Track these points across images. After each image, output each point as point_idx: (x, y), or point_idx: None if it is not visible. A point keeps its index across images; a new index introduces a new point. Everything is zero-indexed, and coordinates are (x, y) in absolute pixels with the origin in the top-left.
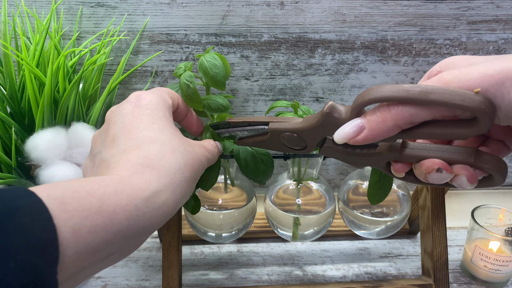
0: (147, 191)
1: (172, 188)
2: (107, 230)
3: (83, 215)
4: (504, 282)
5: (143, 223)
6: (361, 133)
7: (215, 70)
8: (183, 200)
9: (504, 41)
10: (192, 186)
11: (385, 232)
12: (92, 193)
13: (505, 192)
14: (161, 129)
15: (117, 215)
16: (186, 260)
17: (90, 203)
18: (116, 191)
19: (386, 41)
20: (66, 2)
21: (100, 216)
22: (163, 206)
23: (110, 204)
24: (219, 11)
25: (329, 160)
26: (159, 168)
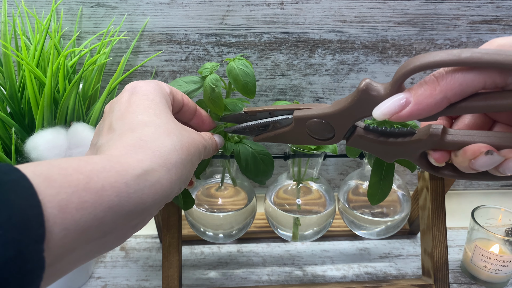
0: (138, 169)
1: (167, 168)
2: (96, 206)
3: (70, 191)
4: (504, 282)
5: (134, 201)
6: (405, 108)
7: (247, 79)
8: (180, 182)
9: None
10: (189, 170)
11: (385, 232)
12: (79, 170)
13: (505, 192)
14: (157, 114)
15: (106, 191)
16: (186, 260)
17: (77, 180)
18: (105, 168)
19: (386, 41)
20: (66, 2)
21: (88, 192)
22: (155, 185)
23: (98, 181)
24: (219, 11)
25: (329, 160)
26: (153, 148)
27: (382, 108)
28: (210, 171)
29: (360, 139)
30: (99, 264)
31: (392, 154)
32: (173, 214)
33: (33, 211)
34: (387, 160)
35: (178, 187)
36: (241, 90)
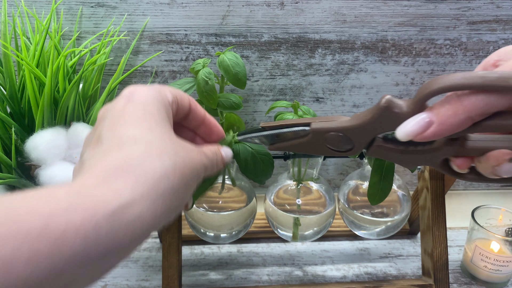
0: (113, 203)
1: (152, 199)
2: (53, 257)
3: (19, 242)
4: (505, 282)
5: (105, 244)
6: (429, 128)
7: (237, 69)
8: (168, 213)
9: (505, 41)
10: (181, 198)
11: (385, 233)
12: (37, 211)
13: (505, 192)
14: (151, 128)
15: (68, 237)
16: (186, 261)
17: (30, 227)
18: (70, 205)
19: (386, 41)
20: (66, 2)
21: (43, 240)
22: (135, 221)
23: (59, 224)
24: (219, 11)
25: (329, 161)
26: (138, 173)
27: (405, 128)
28: None
29: (379, 149)
30: None
31: (414, 162)
32: None
33: None
34: (409, 167)
35: (166, 219)
36: (232, 80)
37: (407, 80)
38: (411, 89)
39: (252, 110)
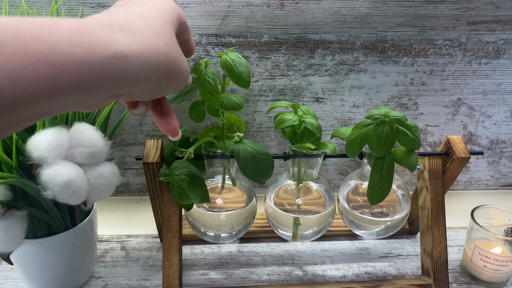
0: (109, 49)
1: (141, 62)
2: (53, 83)
3: (26, 62)
4: (504, 282)
5: (94, 83)
6: None
7: (241, 69)
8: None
9: (504, 41)
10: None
11: (385, 232)
12: (41, 38)
13: (504, 192)
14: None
15: (67, 68)
16: (186, 260)
17: (36, 50)
18: (71, 40)
19: (386, 42)
20: (67, 2)
21: (47, 66)
22: (122, 72)
23: (61, 55)
24: (219, 12)
25: (329, 161)
26: (135, 35)
27: None
28: (211, 171)
29: None
30: (99, 264)
31: None
32: (174, 214)
33: None
34: None
35: (148, 94)
36: (236, 80)
37: (407, 80)
38: (410, 89)
39: (252, 110)
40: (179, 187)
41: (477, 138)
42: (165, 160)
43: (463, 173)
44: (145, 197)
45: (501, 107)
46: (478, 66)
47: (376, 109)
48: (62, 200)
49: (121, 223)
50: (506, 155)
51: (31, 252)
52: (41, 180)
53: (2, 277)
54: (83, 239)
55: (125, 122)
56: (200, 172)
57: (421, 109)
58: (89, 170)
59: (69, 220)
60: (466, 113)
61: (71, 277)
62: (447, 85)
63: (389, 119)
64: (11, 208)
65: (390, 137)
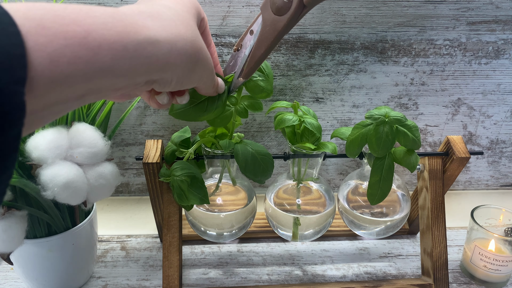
0: (141, 33)
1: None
2: (89, 65)
3: (64, 43)
4: (504, 282)
5: (127, 67)
6: None
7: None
8: (177, 69)
9: (504, 41)
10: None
11: (385, 232)
12: (78, 21)
13: (504, 192)
14: (184, 10)
15: (102, 50)
16: (186, 260)
17: (74, 32)
18: (106, 24)
19: (385, 42)
20: (67, 2)
21: (83, 48)
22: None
23: (96, 38)
24: (219, 12)
25: (329, 161)
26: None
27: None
28: (211, 171)
29: None
30: (99, 264)
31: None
32: (174, 214)
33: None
34: None
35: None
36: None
37: (407, 80)
38: (410, 89)
39: None
40: (179, 188)
41: (477, 138)
42: (165, 160)
43: (463, 173)
44: (145, 197)
45: (501, 107)
46: (478, 66)
47: (376, 109)
48: (62, 200)
49: (121, 223)
50: (506, 155)
51: (31, 252)
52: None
53: (2, 277)
54: (83, 239)
55: (125, 122)
56: (200, 174)
57: (421, 109)
58: (89, 170)
59: (69, 220)
60: (466, 113)
61: (71, 277)
62: (447, 85)
63: (389, 119)
64: (11, 208)
65: (390, 137)
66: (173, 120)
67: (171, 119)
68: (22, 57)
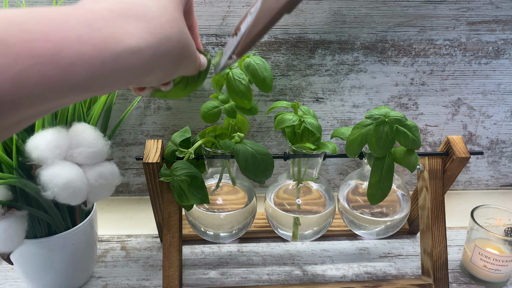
0: (121, 44)
1: (154, 52)
2: (61, 84)
3: (31, 63)
4: (504, 282)
5: (108, 80)
6: None
7: (265, 73)
8: (163, 72)
9: (504, 41)
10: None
11: (385, 232)
12: (48, 35)
13: (504, 192)
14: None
15: (76, 67)
16: (186, 260)
17: (43, 48)
18: (81, 37)
19: (385, 42)
20: (67, 2)
21: (54, 66)
22: (133, 67)
23: (70, 54)
24: (219, 12)
25: (329, 161)
26: (149, 23)
27: None
28: (211, 171)
29: None
30: (99, 264)
31: None
32: (174, 214)
33: None
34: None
35: (161, 76)
36: (259, 84)
37: (407, 80)
38: (410, 89)
39: None
40: (179, 188)
41: (477, 138)
42: (165, 160)
43: (463, 173)
44: (145, 197)
45: (501, 107)
46: (478, 66)
47: (376, 109)
48: (62, 200)
49: (121, 223)
50: (506, 155)
51: (31, 252)
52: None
53: (2, 277)
54: (83, 239)
55: (125, 122)
56: (200, 174)
57: (421, 109)
58: (89, 170)
59: (69, 220)
60: (466, 113)
61: (71, 277)
62: (447, 85)
63: (389, 119)
64: (11, 208)
65: (390, 137)
66: (173, 120)
67: (171, 119)
68: None
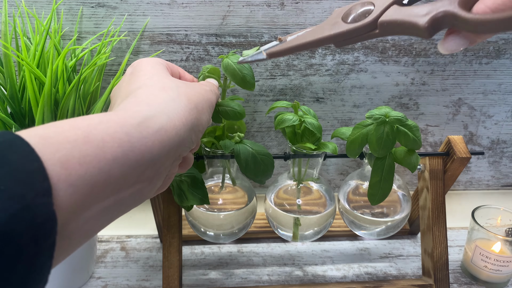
0: (137, 117)
1: (167, 115)
2: (99, 159)
3: (69, 146)
4: (505, 282)
5: (139, 150)
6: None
7: (245, 71)
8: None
9: (505, 41)
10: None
11: (386, 233)
12: (76, 125)
13: (505, 192)
14: (150, 77)
15: (107, 143)
16: (186, 260)
17: (75, 135)
18: (102, 121)
19: (386, 41)
20: (67, 2)
21: (88, 145)
22: (159, 131)
23: (98, 133)
24: (219, 12)
25: (330, 161)
26: (148, 102)
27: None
28: (211, 171)
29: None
30: (99, 264)
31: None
32: (174, 214)
33: (34, 165)
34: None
35: (189, 134)
36: (240, 83)
37: (407, 80)
38: (411, 89)
39: (252, 111)
40: (179, 188)
41: (477, 138)
42: None
43: (464, 173)
44: None
45: (502, 107)
46: (479, 66)
47: (376, 109)
48: None
49: (121, 223)
50: (507, 155)
51: None
52: None
53: None
54: None
55: None
56: (200, 174)
57: (422, 109)
58: None
59: None
60: (466, 113)
61: (71, 277)
62: (448, 85)
63: (389, 119)
64: None
65: (390, 137)
66: None
67: None
68: (41, 169)
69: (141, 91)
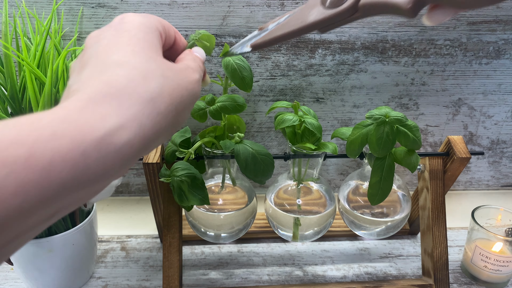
0: (99, 129)
1: (139, 124)
2: (43, 187)
3: (4, 172)
4: (505, 282)
5: (95, 171)
6: None
7: (245, 73)
8: (157, 138)
9: (504, 41)
10: (171, 122)
11: (385, 233)
12: (20, 140)
13: (505, 192)
14: (136, 51)
15: (55, 166)
16: (186, 260)
17: (15, 155)
18: (55, 134)
19: (386, 42)
20: (67, 2)
21: (30, 171)
22: (123, 147)
23: (45, 154)
24: (219, 12)
25: (329, 161)
26: (122, 97)
27: None
28: (211, 171)
29: None
30: (99, 264)
31: None
32: (174, 214)
33: None
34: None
35: (156, 142)
36: (238, 84)
37: (407, 80)
38: (411, 89)
39: (252, 111)
40: (179, 189)
41: (477, 138)
42: (165, 160)
43: (464, 173)
44: (145, 197)
45: (502, 107)
46: (478, 66)
47: (376, 109)
48: None
49: (121, 223)
50: (506, 155)
51: (31, 252)
52: None
53: (2, 277)
54: (83, 239)
55: None
56: (200, 174)
57: (422, 109)
58: None
59: (69, 220)
60: (466, 113)
61: (71, 277)
62: (448, 85)
63: (389, 119)
64: None
65: (390, 137)
66: None
67: None
68: None
69: (120, 73)
